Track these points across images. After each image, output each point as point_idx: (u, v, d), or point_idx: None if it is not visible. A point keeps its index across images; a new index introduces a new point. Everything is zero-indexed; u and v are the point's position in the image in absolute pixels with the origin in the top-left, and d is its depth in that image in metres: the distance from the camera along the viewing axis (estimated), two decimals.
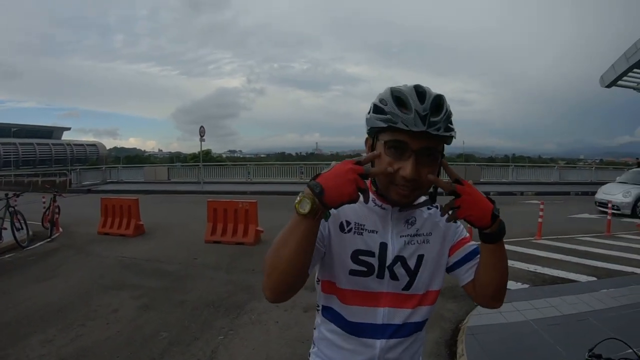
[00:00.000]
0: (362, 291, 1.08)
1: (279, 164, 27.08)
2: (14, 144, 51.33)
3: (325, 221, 0.98)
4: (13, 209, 8.11)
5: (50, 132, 65.28)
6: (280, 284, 0.94)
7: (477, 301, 1.17)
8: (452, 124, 1.00)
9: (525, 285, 5.37)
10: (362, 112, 1.06)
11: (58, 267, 6.57)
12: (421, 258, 1.11)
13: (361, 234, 1.09)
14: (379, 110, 0.99)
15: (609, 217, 9.26)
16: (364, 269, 1.08)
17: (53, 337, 3.95)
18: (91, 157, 65.03)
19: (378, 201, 1.11)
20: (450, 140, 1.02)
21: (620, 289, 5.01)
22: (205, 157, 26.77)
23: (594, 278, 5.65)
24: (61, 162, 54.29)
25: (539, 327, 3.90)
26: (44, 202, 10.28)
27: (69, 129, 72.86)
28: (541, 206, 8.71)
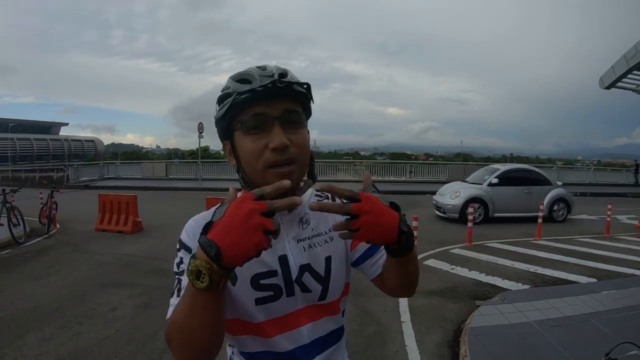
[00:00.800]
0: (278, 317, 0.93)
1: None
2: (12, 139, 51.07)
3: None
4: (10, 204, 8.03)
5: (48, 128, 64.91)
6: (203, 356, 0.79)
7: (388, 294, 1.07)
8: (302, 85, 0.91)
9: (526, 286, 5.36)
10: (361, 110, 0.98)
11: (55, 264, 6.51)
12: (329, 260, 0.98)
13: None
14: (224, 98, 0.90)
15: (608, 218, 9.24)
16: (271, 292, 0.93)
17: (50, 336, 3.90)
18: (89, 153, 64.72)
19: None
20: (308, 99, 0.94)
21: (621, 290, 5.00)
22: (204, 154, 26.71)
23: (594, 279, 5.65)
24: (59, 158, 54.04)
25: (541, 328, 3.88)
26: (41, 198, 10.22)
27: (66, 124, 72.30)
28: (541, 207, 8.70)
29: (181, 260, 0.93)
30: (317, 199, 1.05)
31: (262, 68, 0.90)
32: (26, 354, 3.56)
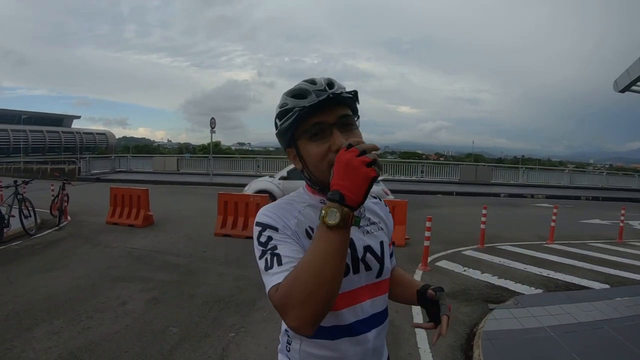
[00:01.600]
0: (346, 292, 1.06)
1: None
2: (24, 130, 51.52)
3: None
4: (22, 196, 8.11)
5: (60, 120, 65.37)
6: (324, 310, 0.87)
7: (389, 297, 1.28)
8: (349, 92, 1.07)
9: (539, 290, 5.29)
10: (372, 108, 1.05)
11: (65, 256, 6.55)
12: (382, 244, 1.18)
13: None
14: (284, 114, 1.05)
15: (621, 223, 9.09)
16: None
17: (60, 329, 3.89)
18: (100, 146, 65.19)
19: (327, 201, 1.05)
20: (355, 102, 1.09)
21: (635, 297, 4.91)
22: (215, 149, 26.79)
23: (607, 285, 5.56)
24: (70, 150, 54.56)
25: (555, 334, 3.81)
26: (52, 190, 10.30)
27: (79, 117, 72.78)
28: (554, 210, 8.59)
29: (269, 238, 1.01)
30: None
31: (312, 82, 1.05)
32: (35, 347, 3.54)
